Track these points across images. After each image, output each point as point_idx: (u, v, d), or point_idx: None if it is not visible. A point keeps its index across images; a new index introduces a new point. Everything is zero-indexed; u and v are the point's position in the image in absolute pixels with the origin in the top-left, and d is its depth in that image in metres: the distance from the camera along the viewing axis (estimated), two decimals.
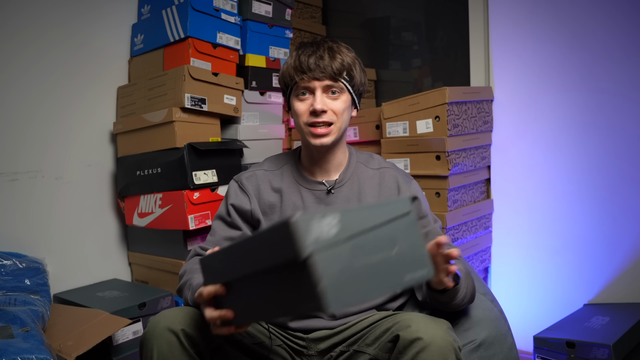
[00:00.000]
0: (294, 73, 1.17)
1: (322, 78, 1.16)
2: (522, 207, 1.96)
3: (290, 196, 1.23)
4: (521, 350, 1.83)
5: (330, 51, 1.17)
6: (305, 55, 1.16)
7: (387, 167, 1.27)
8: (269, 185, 1.25)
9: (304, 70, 1.15)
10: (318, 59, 1.15)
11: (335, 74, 1.16)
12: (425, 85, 2.49)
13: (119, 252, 2.07)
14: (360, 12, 2.75)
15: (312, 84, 1.16)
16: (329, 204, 1.22)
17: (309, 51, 1.17)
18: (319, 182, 1.24)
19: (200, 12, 1.84)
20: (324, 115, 1.16)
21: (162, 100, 1.83)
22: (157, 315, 1.05)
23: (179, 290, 1.19)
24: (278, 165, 1.28)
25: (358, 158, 1.28)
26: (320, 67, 1.15)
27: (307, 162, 1.26)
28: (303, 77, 1.16)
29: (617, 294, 1.77)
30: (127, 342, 1.64)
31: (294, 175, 1.25)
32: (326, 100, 1.17)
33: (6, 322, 1.30)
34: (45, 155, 1.84)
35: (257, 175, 1.26)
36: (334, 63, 1.16)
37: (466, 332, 1.16)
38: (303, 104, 1.18)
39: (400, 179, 1.25)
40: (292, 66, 1.18)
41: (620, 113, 1.74)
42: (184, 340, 1.01)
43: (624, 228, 1.75)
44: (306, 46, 1.19)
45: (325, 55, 1.16)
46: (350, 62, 1.18)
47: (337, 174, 1.25)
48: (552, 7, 1.85)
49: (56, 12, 1.85)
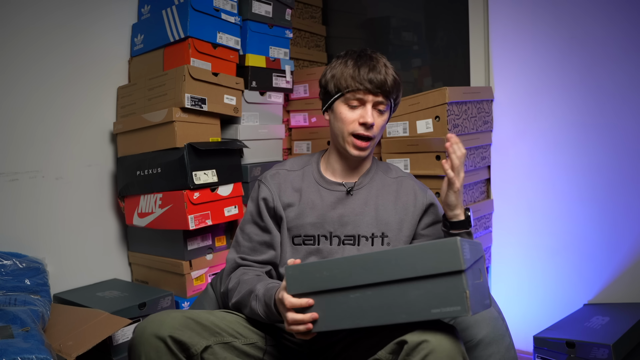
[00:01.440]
0: (351, 82, 1.20)
1: (377, 93, 1.20)
2: (522, 207, 1.96)
3: (310, 195, 1.27)
4: (521, 350, 1.83)
5: (385, 68, 1.21)
6: (365, 68, 1.19)
7: (404, 176, 1.34)
8: (290, 185, 1.29)
9: (362, 81, 1.19)
10: (377, 74, 1.19)
11: (388, 92, 1.20)
12: (425, 85, 2.49)
13: (119, 252, 2.07)
14: (360, 12, 2.75)
15: (367, 97, 1.20)
16: (347, 204, 1.26)
17: (367, 64, 1.20)
18: (338, 184, 1.28)
19: (200, 12, 1.84)
20: (371, 130, 1.21)
21: (162, 100, 1.83)
22: (144, 321, 1.06)
23: (237, 303, 1.20)
24: (300, 166, 1.33)
25: (378, 166, 1.34)
26: (378, 83, 1.19)
27: (334, 165, 1.30)
28: (360, 89, 1.19)
29: (617, 294, 1.77)
30: (127, 342, 1.63)
31: (315, 176, 1.30)
32: (374, 114, 1.21)
33: (6, 322, 1.30)
34: (45, 155, 1.84)
35: (280, 174, 1.31)
36: (390, 81, 1.20)
37: (464, 331, 1.16)
38: (352, 113, 1.22)
39: (417, 188, 1.31)
40: (351, 75, 1.20)
41: (620, 113, 1.74)
42: (172, 345, 1.02)
43: (624, 228, 1.75)
44: (362, 57, 1.22)
45: (383, 71, 1.20)
46: (399, 82, 1.24)
47: (357, 177, 1.30)
48: (552, 7, 1.85)
49: (56, 13, 1.85)
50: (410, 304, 0.91)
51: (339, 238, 1.23)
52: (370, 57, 1.22)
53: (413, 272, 0.91)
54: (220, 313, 1.17)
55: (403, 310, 0.92)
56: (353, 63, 1.21)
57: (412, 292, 0.91)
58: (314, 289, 0.98)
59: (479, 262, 0.97)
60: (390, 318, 0.93)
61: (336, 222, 1.24)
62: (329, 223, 1.24)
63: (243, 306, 1.18)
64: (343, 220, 1.24)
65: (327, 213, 1.24)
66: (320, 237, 1.24)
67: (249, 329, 1.17)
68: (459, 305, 0.87)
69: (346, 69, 1.21)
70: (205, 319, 1.10)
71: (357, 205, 1.25)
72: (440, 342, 0.90)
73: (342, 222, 1.24)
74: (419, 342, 0.90)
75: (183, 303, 1.83)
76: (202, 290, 1.75)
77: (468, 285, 0.87)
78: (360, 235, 1.23)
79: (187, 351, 1.04)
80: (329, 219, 1.24)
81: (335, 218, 1.24)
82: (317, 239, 1.24)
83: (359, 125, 1.20)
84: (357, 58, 1.22)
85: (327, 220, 1.24)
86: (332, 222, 1.24)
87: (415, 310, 0.91)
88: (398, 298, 0.92)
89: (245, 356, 1.13)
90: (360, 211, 1.24)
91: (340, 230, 1.23)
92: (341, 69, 1.22)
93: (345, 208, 1.25)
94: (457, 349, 0.91)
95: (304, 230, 1.24)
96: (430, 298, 0.90)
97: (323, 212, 1.24)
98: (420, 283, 0.91)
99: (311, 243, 1.24)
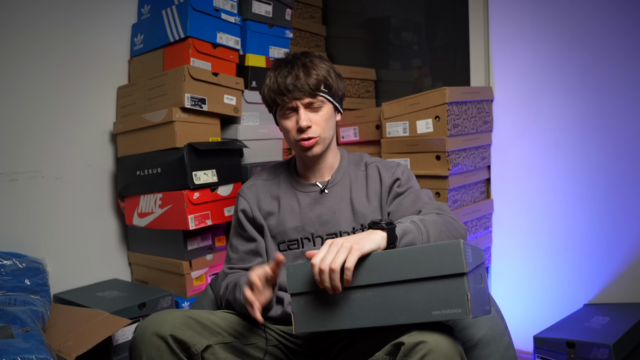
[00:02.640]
0: (275, 96, 1.23)
1: (301, 97, 1.21)
2: (522, 207, 1.96)
3: (288, 200, 1.29)
4: (521, 350, 1.83)
5: (304, 68, 1.21)
6: (282, 77, 1.21)
7: (371, 162, 1.32)
8: (268, 194, 1.32)
9: (283, 92, 1.20)
10: (294, 79, 1.20)
11: (312, 90, 1.20)
12: (425, 85, 2.49)
13: (119, 252, 2.07)
14: (360, 12, 2.75)
15: (294, 104, 1.22)
16: (323, 203, 1.27)
17: (284, 72, 1.22)
18: (312, 185, 1.30)
19: (200, 12, 1.84)
20: (309, 131, 1.22)
21: (162, 100, 1.83)
22: (146, 320, 1.06)
23: (227, 302, 1.24)
24: (276, 175, 1.36)
25: (350, 159, 1.34)
26: (298, 87, 1.19)
27: (301, 169, 1.33)
28: (284, 99, 1.21)
29: (617, 294, 1.77)
30: (127, 342, 1.63)
31: (290, 182, 1.32)
32: (310, 115, 1.22)
33: (6, 322, 1.30)
34: (45, 155, 1.84)
35: (257, 185, 1.35)
36: (310, 80, 1.20)
37: (463, 331, 1.16)
38: (289, 121, 1.24)
39: (383, 169, 1.29)
40: (272, 89, 1.23)
41: (620, 113, 1.74)
42: (173, 344, 1.02)
43: (624, 228, 1.75)
44: (281, 66, 1.24)
45: (301, 74, 1.20)
46: (325, 74, 1.22)
47: (329, 175, 1.31)
48: (552, 7, 1.85)
49: (56, 13, 1.85)
50: (411, 305, 0.91)
51: (321, 238, 1.25)
52: (288, 62, 1.24)
53: (415, 274, 0.91)
54: (221, 313, 1.17)
55: (404, 312, 0.92)
56: (273, 75, 1.24)
57: (413, 294, 0.92)
58: (314, 288, 0.99)
59: (480, 268, 0.98)
60: (390, 319, 0.93)
61: (316, 223, 1.25)
62: (308, 225, 1.26)
63: (233, 302, 1.21)
64: (322, 220, 1.25)
65: (305, 215, 1.26)
66: (303, 239, 1.26)
67: (250, 329, 1.17)
68: (460, 307, 0.88)
69: (270, 84, 1.24)
70: (206, 318, 1.10)
71: (333, 202, 1.27)
72: (437, 343, 0.90)
73: (322, 222, 1.25)
74: (417, 343, 0.90)
75: (183, 303, 1.83)
76: (202, 290, 1.75)
77: (470, 288, 0.88)
78: (342, 231, 1.24)
79: (188, 350, 1.04)
80: (308, 221, 1.26)
81: (314, 219, 1.26)
82: (301, 242, 1.26)
83: (297, 131, 1.22)
84: (275, 68, 1.24)
85: (307, 222, 1.26)
86: (312, 223, 1.25)
87: (416, 312, 0.91)
88: (399, 299, 0.92)
89: (245, 356, 1.13)
90: (337, 208, 1.26)
91: (322, 230, 1.25)
92: (268, 85, 1.25)
93: (322, 207, 1.26)
94: (454, 349, 0.91)
95: (287, 235, 1.27)
96: (431, 300, 0.90)
97: (302, 215, 1.26)
98: (422, 284, 0.91)
99: (295, 247, 1.27)
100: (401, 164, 1.31)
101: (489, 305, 1.00)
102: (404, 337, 0.92)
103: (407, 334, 0.93)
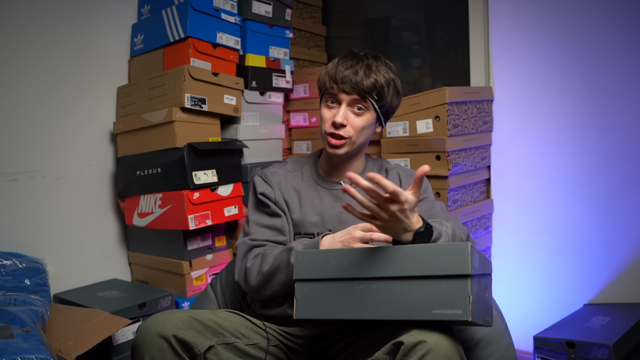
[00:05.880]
0: (327, 80, 1.21)
1: (350, 92, 1.19)
2: (522, 207, 1.96)
3: (309, 195, 1.29)
4: (521, 350, 1.83)
5: (367, 68, 1.19)
6: (343, 67, 1.20)
7: (391, 168, 1.34)
8: (290, 185, 1.31)
9: (337, 80, 1.19)
10: (353, 74, 1.18)
11: (364, 91, 1.19)
12: (425, 85, 2.48)
13: (119, 252, 2.07)
14: (360, 12, 2.75)
15: (341, 96, 1.20)
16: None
17: (348, 63, 1.20)
18: (336, 182, 1.30)
19: (200, 12, 1.84)
20: (342, 129, 1.20)
21: (162, 100, 1.83)
22: (148, 320, 1.06)
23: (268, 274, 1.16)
24: (299, 167, 1.35)
25: (374, 164, 1.35)
26: (352, 82, 1.18)
27: (326, 166, 1.32)
28: (333, 87, 1.20)
29: (617, 294, 1.77)
30: (127, 342, 1.64)
31: (313, 176, 1.32)
32: (349, 114, 1.21)
33: (6, 322, 1.30)
34: (45, 155, 1.84)
35: (279, 172, 1.33)
36: (366, 81, 1.18)
37: (463, 330, 1.16)
38: (329, 112, 1.23)
39: (402, 174, 1.31)
40: (329, 73, 1.22)
41: (620, 113, 1.74)
42: (176, 345, 1.02)
43: (624, 228, 1.75)
44: (348, 58, 1.22)
45: (361, 72, 1.18)
46: (384, 83, 1.20)
47: None
48: (552, 7, 1.85)
49: (56, 13, 1.85)
50: (412, 302, 0.92)
51: None
52: (357, 56, 1.22)
53: (420, 271, 0.92)
54: (223, 313, 1.17)
55: (404, 308, 0.92)
56: (337, 61, 1.23)
57: (416, 291, 0.92)
58: (320, 276, 0.99)
59: (486, 278, 0.98)
60: (390, 313, 0.93)
61: (335, 220, 1.25)
62: (327, 221, 1.25)
63: (279, 271, 1.15)
64: (342, 218, 1.25)
65: (326, 211, 1.26)
66: (319, 235, 1.24)
67: (252, 329, 1.17)
68: (461, 308, 0.88)
69: (329, 68, 1.23)
70: (208, 319, 1.10)
71: (354, 203, 1.25)
72: (437, 342, 0.90)
73: (341, 220, 1.25)
74: (416, 343, 0.90)
75: (183, 303, 1.83)
76: (202, 290, 1.74)
77: (473, 292, 0.88)
78: None
79: (191, 351, 1.04)
80: (328, 217, 1.25)
81: (334, 216, 1.25)
82: (317, 236, 1.24)
83: (331, 124, 1.21)
84: (342, 58, 1.23)
85: (326, 218, 1.25)
86: (331, 220, 1.25)
87: (417, 309, 0.91)
88: (401, 295, 0.93)
89: (247, 357, 1.13)
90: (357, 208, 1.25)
91: (339, 228, 1.23)
92: (328, 68, 1.24)
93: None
94: (454, 349, 0.91)
95: (305, 228, 1.26)
96: (433, 298, 0.90)
97: (322, 210, 1.26)
98: (426, 282, 0.92)
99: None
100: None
101: (491, 317, 1.00)
102: (404, 337, 0.92)
103: (407, 333, 0.92)
